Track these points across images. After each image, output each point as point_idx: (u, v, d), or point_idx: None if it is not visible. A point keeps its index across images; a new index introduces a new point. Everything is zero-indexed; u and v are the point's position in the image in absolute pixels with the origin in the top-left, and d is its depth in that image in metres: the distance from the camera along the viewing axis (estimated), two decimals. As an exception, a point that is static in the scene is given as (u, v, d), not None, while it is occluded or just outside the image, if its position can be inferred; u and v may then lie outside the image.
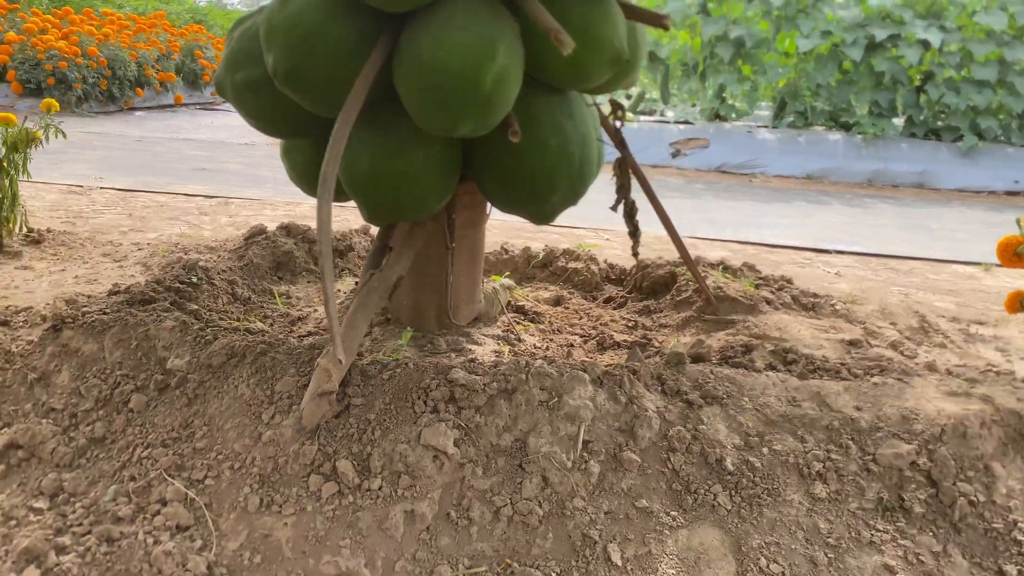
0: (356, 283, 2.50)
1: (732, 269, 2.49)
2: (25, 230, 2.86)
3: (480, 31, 1.35)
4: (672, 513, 1.49)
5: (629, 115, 8.59)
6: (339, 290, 2.46)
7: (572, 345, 2.11)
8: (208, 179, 5.27)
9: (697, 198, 5.97)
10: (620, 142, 1.80)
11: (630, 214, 1.83)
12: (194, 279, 2.19)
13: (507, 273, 2.70)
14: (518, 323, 2.17)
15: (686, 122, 8.19)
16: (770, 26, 7.72)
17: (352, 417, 1.58)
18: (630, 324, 2.29)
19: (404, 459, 1.50)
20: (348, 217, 3.94)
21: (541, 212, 1.66)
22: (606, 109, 1.85)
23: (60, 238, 2.85)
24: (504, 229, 4.08)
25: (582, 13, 1.46)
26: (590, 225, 4.57)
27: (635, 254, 1.81)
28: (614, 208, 1.83)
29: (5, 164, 2.63)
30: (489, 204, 2.00)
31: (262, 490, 1.48)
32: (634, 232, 1.84)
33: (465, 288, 2.05)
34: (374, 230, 3.01)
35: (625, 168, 1.77)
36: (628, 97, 9.56)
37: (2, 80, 8.67)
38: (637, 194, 1.89)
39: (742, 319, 2.24)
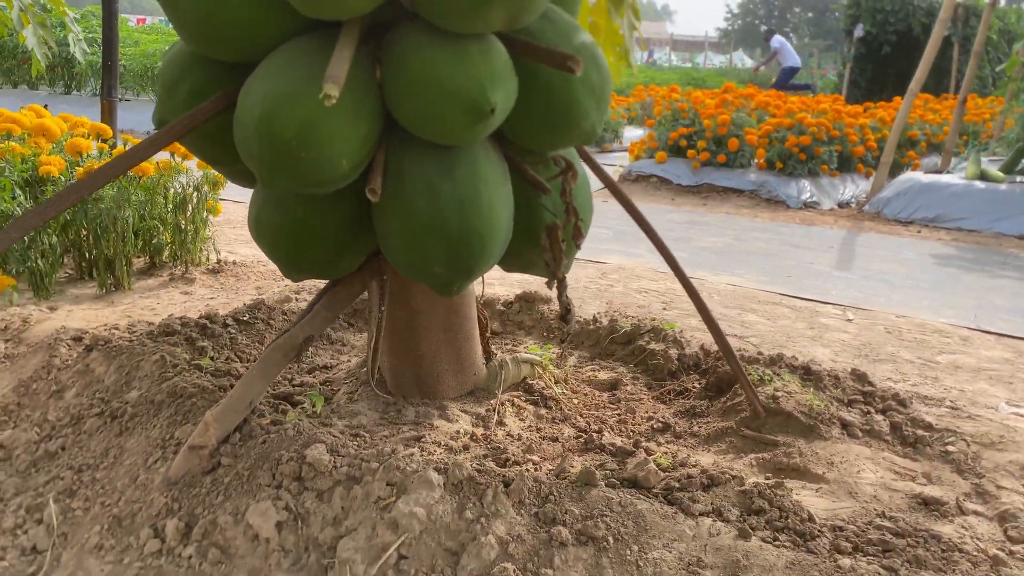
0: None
1: (817, 375, 1.92)
2: (215, 259, 3.31)
3: (287, 75, 1.24)
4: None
5: (998, 174, 6.87)
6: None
7: (556, 439, 1.80)
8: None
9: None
10: (568, 205, 1.50)
11: (559, 294, 1.51)
12: (246, 317, 2.32)
13: (543, 347, 2.41)
14: (513, 404, 1.92)
15: None
16: None
17: (211, 477, 1.53)
18: (657, 426, 1.89)
19: (223, 532, 1.41)
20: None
21: (433, 283, 1.45)
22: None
23: (237, 270, 3.24)
24: (732, 296, 3.64)
25: (423, 59, 1.25)
26: (835, 300, 3.90)
27: (563, 340, 1.49)
28: (549, 285, 1.53)
29: (191, 204, 3.07)
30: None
31: (107, 532, 1.49)
32: (566, 314, 1.52)
33: (446, 357, 1.88)
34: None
35: (555, 239, 1.47)
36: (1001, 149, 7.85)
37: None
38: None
39: (787, 443, 1.72)
